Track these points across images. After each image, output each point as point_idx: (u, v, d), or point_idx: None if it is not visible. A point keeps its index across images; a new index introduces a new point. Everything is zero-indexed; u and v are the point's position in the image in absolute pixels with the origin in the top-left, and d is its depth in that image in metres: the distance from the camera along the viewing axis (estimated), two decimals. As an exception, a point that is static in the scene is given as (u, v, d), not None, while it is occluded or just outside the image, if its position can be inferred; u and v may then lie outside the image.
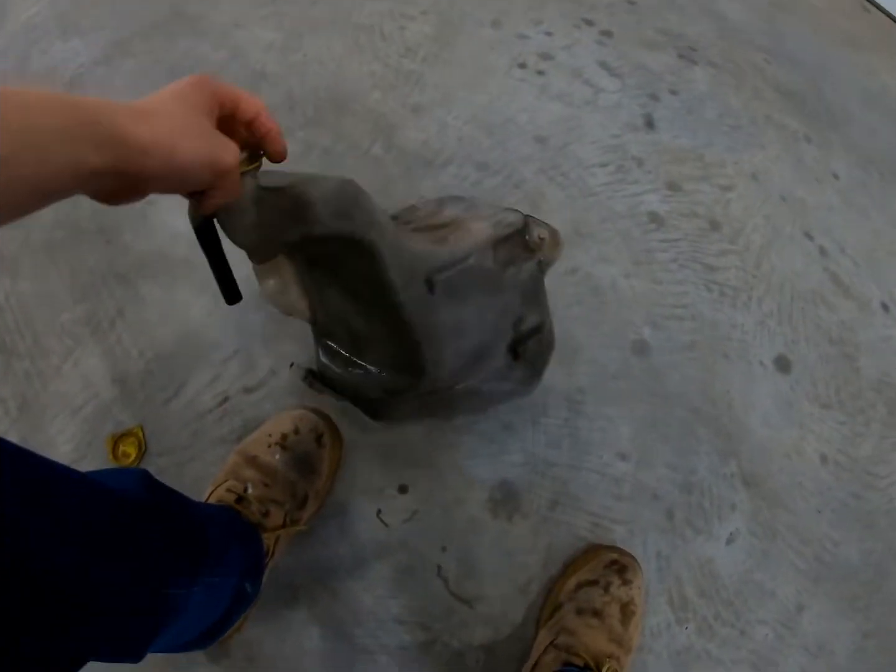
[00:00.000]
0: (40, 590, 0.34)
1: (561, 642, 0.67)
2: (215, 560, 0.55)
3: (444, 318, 0.59)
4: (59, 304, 0.83)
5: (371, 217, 0.51)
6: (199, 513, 0.57)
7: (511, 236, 0.62)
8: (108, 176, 0.33)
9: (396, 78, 0.98)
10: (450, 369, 0.62)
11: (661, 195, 0.96)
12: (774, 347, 0.91)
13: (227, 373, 0.80)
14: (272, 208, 0.46)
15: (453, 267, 0.57)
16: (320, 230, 0.48)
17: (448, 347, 0.61)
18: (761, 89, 1.13)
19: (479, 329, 0.62)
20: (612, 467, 0.80)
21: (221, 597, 0.60)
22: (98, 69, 1.00)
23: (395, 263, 0.53)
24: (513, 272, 0.62)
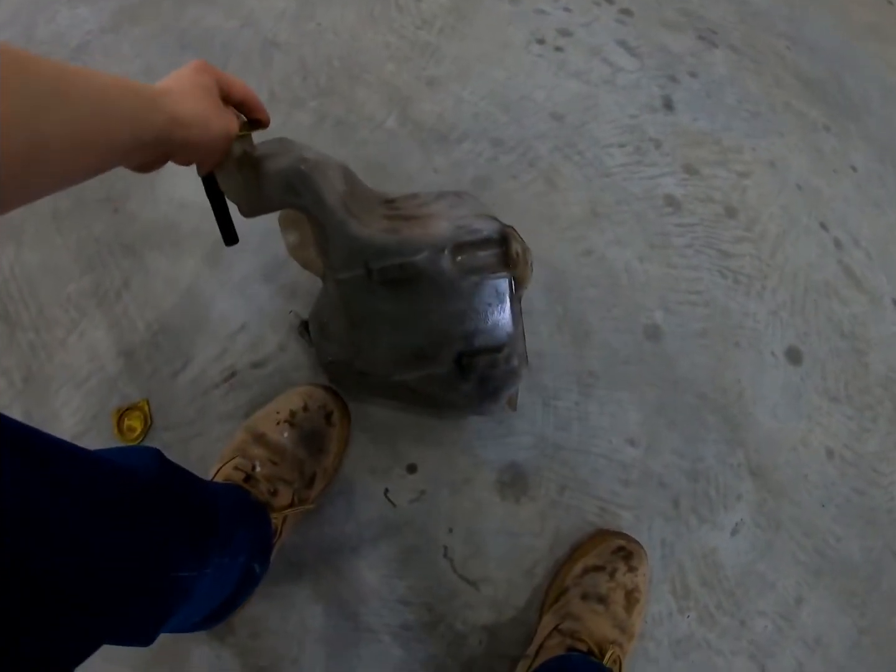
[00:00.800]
0: (48, 572, 0.34)
1: (565, 627, 0.67)
2: (224, 541, 0.54)
3: (381, 307, 0.60)
4: (65, 275, 0.81)
5: (319, 196, 0.55)
6: (209, 493, 0.56)
7: (479, 244, 0.59)
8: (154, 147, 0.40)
9: (412, 50, 0.96)
10: (382, 358, 0.64)
11: (677, 178, 0.94)
12: (786, 338, 0.90)
13: (235, 347, 0.78)
14: (246, 173, 0.53)
15: (393, 258, 0.57)
16: (270, 199, 0.55)
17: (382, 336, 0.62)
18: (781, 76, 1.10)
19: (421, 328, 0.61)
20: (620, 452, 0.79)
21: (230, 578, 0.59)
22: (105, 36, 0.97)
23: (338, 243, 0.57)
24: (473, 282, 0.59)
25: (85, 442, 0.76)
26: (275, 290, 0.80)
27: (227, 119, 0.49)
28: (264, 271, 0.81)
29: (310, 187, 0.54)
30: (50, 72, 0.32)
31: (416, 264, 0.57)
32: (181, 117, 0.42)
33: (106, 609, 0.39)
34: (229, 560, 0.57)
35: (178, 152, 0.45)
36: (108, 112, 0.35)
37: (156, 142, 0.40)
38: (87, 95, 0.34)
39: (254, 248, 0.82)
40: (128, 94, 0.37)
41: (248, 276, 0.81)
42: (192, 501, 0.51)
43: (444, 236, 0.58)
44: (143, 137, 0.38)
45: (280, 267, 0.82)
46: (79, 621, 0.36)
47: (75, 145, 0.33)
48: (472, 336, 0.61)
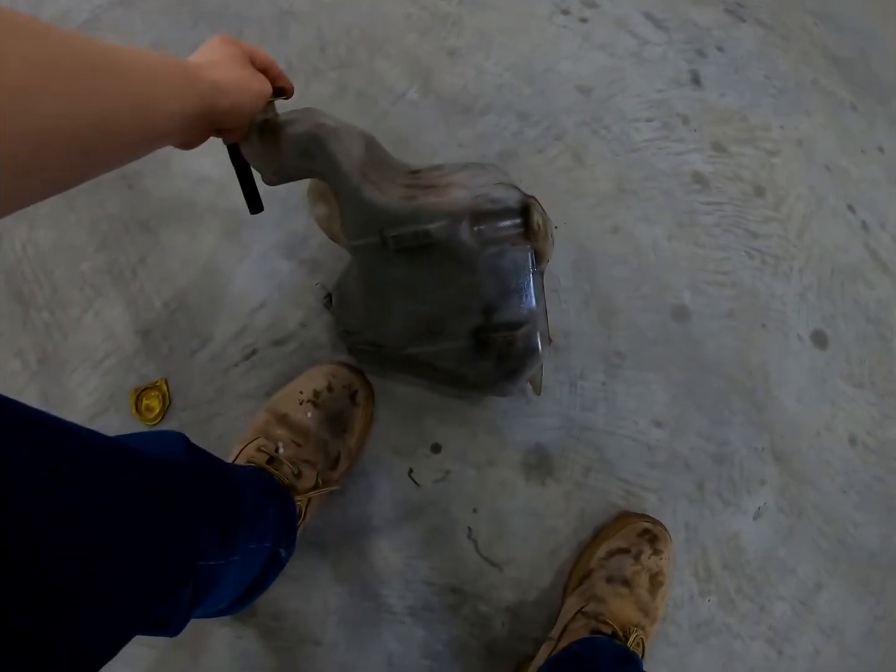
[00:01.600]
0: (74, 564, 0.33)
1: (590, 610, 0.66)
2: (251, 527, 0.54)
3: (395, 276, 0.59)
4: (79, 253, 0.79)
5: (333, 161, 0.55)
6: (235, 479, 0.55)
7: (499, 214, 0.57)
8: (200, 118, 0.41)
9: (433, 20, 0.92)
10: (396, 329, 0.62)
11: (705, 155, 0.92)
12: (812, 321, 0.89)
13: (255, 324, 0.77)
14: (267, 140, 0.54)
15: (408, 226, 0.56)
16: (286, 165, 0.55)
17: (399, 306, 0.61)
18: (809, 53, 1.07)
19: (436, 300, 0.59)
20: (646, 434, 0.78)
21: (256, 563, 0.58)
22: (115, 10, 0.94)
23: (353, 210, 0.57)
24: (492, 253, 0.57)
25: (102, 422, 0.74)
26: (295, 266, 0.78)
27: (263, 81, 0.50)
28: (284, 247, 0.79)
29: (324, 152, 0.54)
30: (97, 49, 0.32)
31: (430, 233, 0.55)
32: (222, 84, 0.43)
33: (135, 601, 0.38)
34: (255, 546, 0.56)
35: (222, 120, 0.45)
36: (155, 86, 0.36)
37: (202, 112, 0.41)
38: (134, 71, 0.34)
39: (273, 224, 0.80)
40: (170, 68, 0.38)
41: (267, 252, 0.79)
42: (220, 490, 0.50)
43: (462, 205, 0.56)
44: (188, 109, 0.39)
45: (300, 242, 0.80)
46: (108, 614, 0.36)
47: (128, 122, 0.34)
48: (490, 311, 0.59)
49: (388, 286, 0.60)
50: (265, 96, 0.50)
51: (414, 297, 0.60)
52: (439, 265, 0.57)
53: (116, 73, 0.33)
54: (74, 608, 0.33)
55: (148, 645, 0.69)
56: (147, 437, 0.50)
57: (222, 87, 0.43)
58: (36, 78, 0.27)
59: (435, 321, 0.61)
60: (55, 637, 0.32)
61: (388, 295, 0.61)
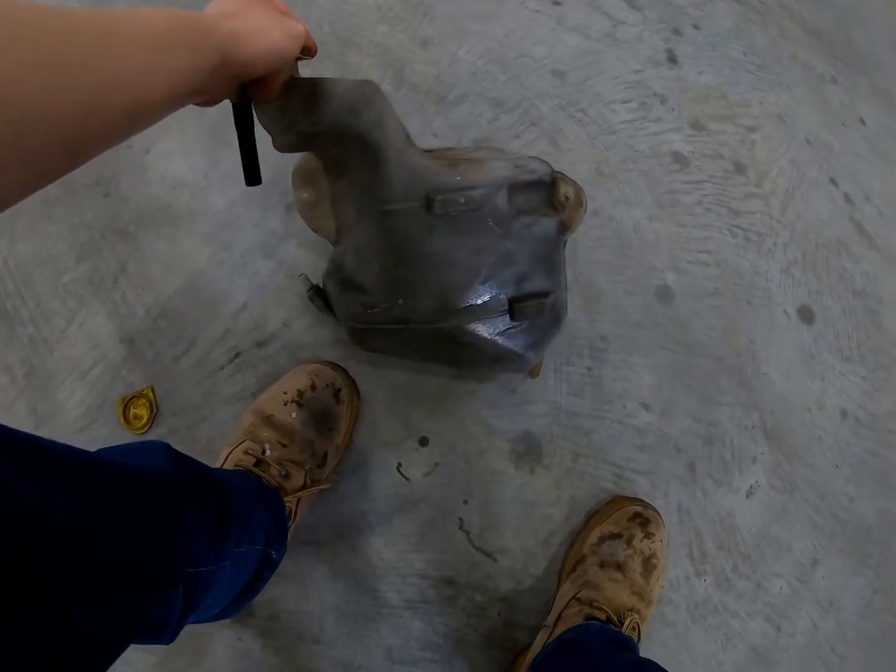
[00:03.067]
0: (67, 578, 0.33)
1: (584, 596, 0.66)
2: (241, 532, 0.54)
3: (437, 243, 0.57)
4: (60, 265, 0.79)
5: (380, 119, 0.53)
6: (223, 485, 0.55)
7: (532, 185, 0.59)
8: (216, 73, 0.38)
9: (404, 10, 0.92)
10: (430, 301, 0.59)
11: (684, 134, 0.91)
12: (798, 297, 0.88)
13: (238, 327, 0.76)
14: (296, 96, 0.50)
15: (455, 192, 0.56)
16: (328, 120, 0.52)
17: (435, 275, 0.58)
18: (787, 27, 1.06)
19: (475, 269, 0.59)
20: (635, 417, 0.78)
21: (248, 567, 0.58)
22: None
23: (397, 171, 0.55)
24: (525, 222, 0.59)
25: (92, 432, 0.74)
26: (275, 266, 0.78)
27: (293, 24, 0.45)
28: (263, 248, 0.79)
29: (373, 108, 0.53)
30: (89, 17, 0.30)
31: (476, 198, 0.56)
32: (241, 33, 0.39)
33: (129, 611, 0.38)
34: (247, 549, 0.56)
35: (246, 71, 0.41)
36: (161, 48, 0.34)
37: (217, 66, 0.38)
38: (136, 34, 0.32)
39: (252, 225, 0.80)
40: (175, 25, 0.35)
41: (246, 253, 0.78)
42: (207, 496, 0.51)
43: (504, 175, 0.57)
44: (201, 64, 0.36)
45: (279, 242, 0.79)
46: (104, 623, 0.36)
47: (133, 89, 0.32)
48: (521, 280, 0.60)
49: (424, 254, 0.58)
50: (299, 39, 0.45)
51: (452, 267, 0.58)
52: (477, 233, 0.58)
53: (114, 41, 0.31)
54: (70, 617, 0.33)
55: (147, 651, 0.69)
56: (128, 450, 0.50)
57: (241, 35, 0.39)
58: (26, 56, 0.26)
59: (471, 289, 0.60)
60: (54, 646, 0.32)
61: (423, 264, 0.58)
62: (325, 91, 0.51)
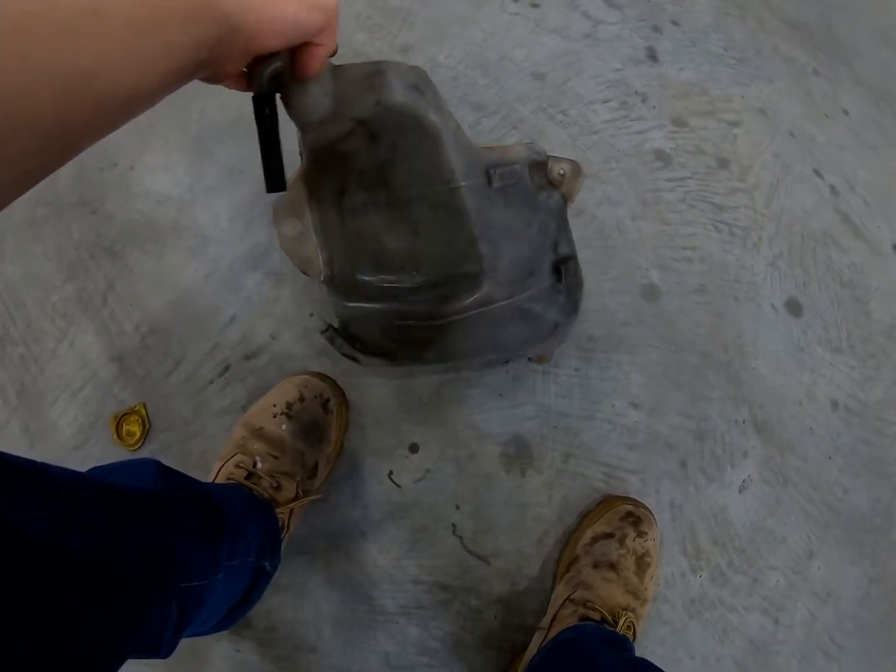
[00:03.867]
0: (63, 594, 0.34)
1: (577, 596, 0.67)
2: (233, 545, 0.54)
3: (499, 216, 0.59)
4: (48, 284, 0.79)
5: (438, 101, 0.53)
6: (214, 499, 0.55)
7: (541, 165, 0.62)
8: (224, 43, 0.34)
9: (382, 17, 0.92)
10: (506, 276, 0.60)
11: (666, 132, 0.91)
12: (785, 290, 0.89)
13: (226, 340, 0.77)
14: (347, 79, 0.48)
15: (502, 168, 0.58)
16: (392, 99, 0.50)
17: (503, 248, 0.59)
18: (767, 20, 1.07)
19: (527, 240, 0.61)
20: (624, 416, 0.79)
21: (242, 579, 0.59)
22: None
23: (456, 150, 0.54)
24: (545, 196, 0.63)
25: (86, 450, 0.75)
26: (261, 278, 0.78)
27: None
28: (248, 260, 0.79)
29: (431, 87, 0.52)
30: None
31: (518, 173, 0.59)
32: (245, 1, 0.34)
33: (124, 627, 0.39)
34: (240, 562, 0.57)
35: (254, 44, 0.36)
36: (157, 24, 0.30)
37: (223, 38, 0.34)
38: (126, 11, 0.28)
39: (236, 238, 0.80)
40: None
41: (231, 266, 0.79)
42: (198, 511, 0.51)
43: (524, 155, 0.60)
44: (204, 39, 0.32)
45: (264, 254, 0.80)
46: (99, 641, 0.36)
47: (125, 73, 0.29)
48: (556, 245, 0.64)
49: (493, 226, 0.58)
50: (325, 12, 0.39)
51: (515, 239, 0.60)
52: (522, 206, 0.61)
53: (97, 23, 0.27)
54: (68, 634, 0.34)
55: (147, 665, 0.70)
56: (118, 468, 0.50)
57: (247, 3, 0.34)
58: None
59: (527, 260, 0.62)
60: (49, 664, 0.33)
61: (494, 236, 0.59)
62: (380, 69, 0.49)
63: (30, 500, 0.34)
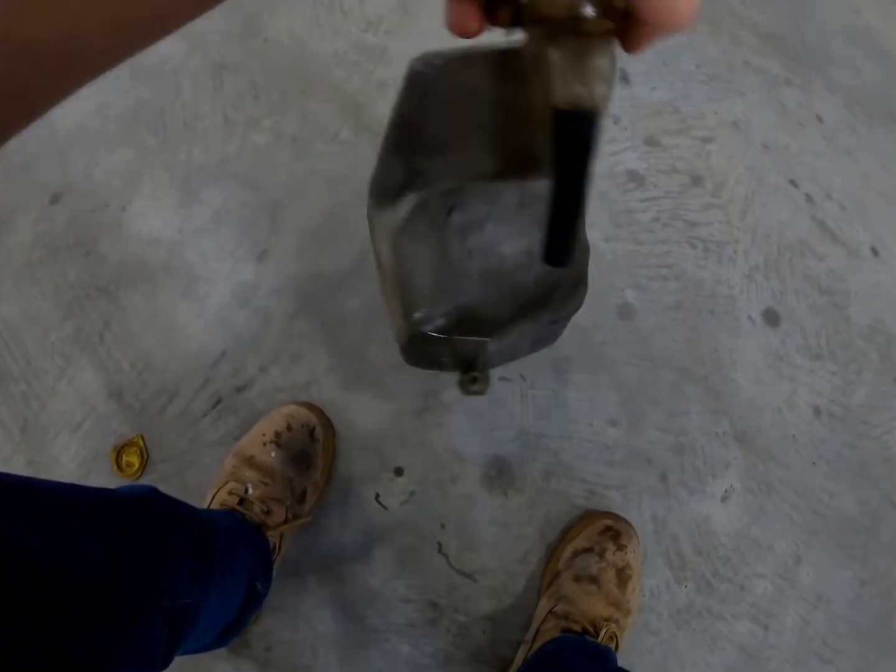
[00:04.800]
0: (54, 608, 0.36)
1: (559, 610, 0.69)
2: (225, 564, 0.57)
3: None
4: (47, 324, 0.83)
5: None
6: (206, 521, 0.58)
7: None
8: None
9: (359, 54, 0.95)
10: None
11: (639, 152, 0.94)
12: (762, 301, 0.90)
13: (217, 375, 0.80)
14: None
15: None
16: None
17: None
18: (738, 34, 1.08)
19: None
20: (602, 434, 0.81)
21: (234, 598, 0.62)
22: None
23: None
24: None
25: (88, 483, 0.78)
26: (249, 315, 0.82)
27: None
28: (236, 298, 0.83)
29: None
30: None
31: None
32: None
33: (115, 643, 0.40)
34: (232, 581, 0.60)
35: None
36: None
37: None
38: None
39: (224, 277, 0.84)
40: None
41: (221, 304, 0.83)
42: (190, 533, 0.54)
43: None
44: None
45: (251, 291, 0.83)
46: (90, 658, 0.38)
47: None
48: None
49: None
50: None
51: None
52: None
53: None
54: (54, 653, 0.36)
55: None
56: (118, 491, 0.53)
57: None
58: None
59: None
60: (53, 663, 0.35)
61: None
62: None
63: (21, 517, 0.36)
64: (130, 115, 0.94)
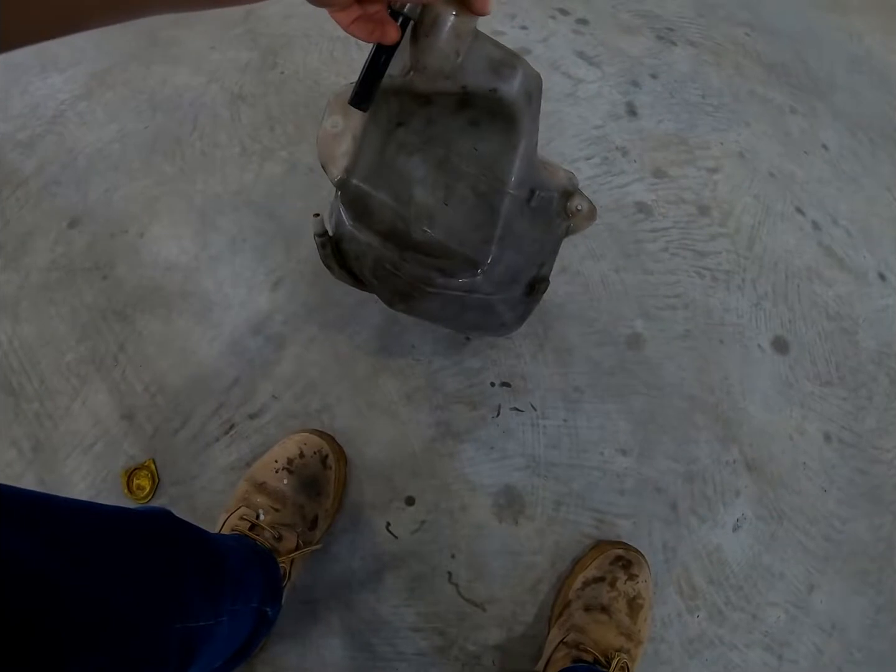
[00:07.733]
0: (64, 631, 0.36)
1: (571, 639, 0.69)
2: (236, 589, 0.57)
3: (519, 229, 0.63)
4: (62, 344, 0.85)
5: (536, 114, 0.56)
6: (217, 545, 0.59)
7: (569, 195, 0.66)
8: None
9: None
10: (496, 277, 0.65)
11: (647, 184, 0.95)
12: (771, 329, 0.91)
13: (231, 400, 0.81)
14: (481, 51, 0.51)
15: (547, 191, 0.63)
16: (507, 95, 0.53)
17: (507, 255, 0.64)
18: (743, 64, 1.11)
19: (526, 254, 0.66)
20: (613, 463, 0.81)
21: (244, 623, 0.62)
22: (79, 104, 1.01)
23: (523, 161, 0.58)
24: (558, 223, 0.67)
25: (98, 504, 0.79)
26: (262, 342, 0.83)
27: None
28: (250, 325, 0.84)
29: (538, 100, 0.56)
30: None
31: (553, 199, 0.64)
32: None
33: (125, 665, 0.40)
34: (242, 606, 0.60)
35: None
36: None
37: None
38: None
39: (239, 304, 0.85)
40: None
41: (235, 330, 0.84)
42: (202, 557, 0.54)
43: (563, 182, 0.65)
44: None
45: (265, 319, 0.85)
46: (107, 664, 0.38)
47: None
48: (542, 265, 0.69)
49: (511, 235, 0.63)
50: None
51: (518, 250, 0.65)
52: (540, 227, 0.66)
53: None
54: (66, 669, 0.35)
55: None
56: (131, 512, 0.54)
57: None
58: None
59: (519, 271, 0.68)
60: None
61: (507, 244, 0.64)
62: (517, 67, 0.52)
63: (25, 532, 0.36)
64: (150, 144, 0.96)
